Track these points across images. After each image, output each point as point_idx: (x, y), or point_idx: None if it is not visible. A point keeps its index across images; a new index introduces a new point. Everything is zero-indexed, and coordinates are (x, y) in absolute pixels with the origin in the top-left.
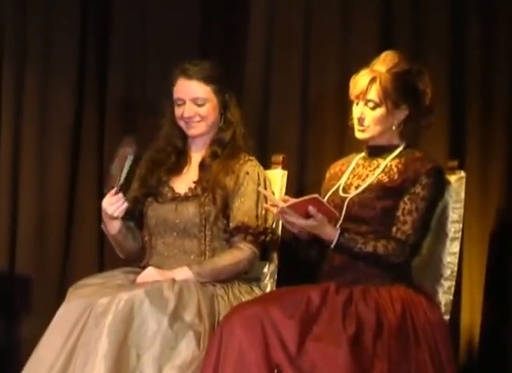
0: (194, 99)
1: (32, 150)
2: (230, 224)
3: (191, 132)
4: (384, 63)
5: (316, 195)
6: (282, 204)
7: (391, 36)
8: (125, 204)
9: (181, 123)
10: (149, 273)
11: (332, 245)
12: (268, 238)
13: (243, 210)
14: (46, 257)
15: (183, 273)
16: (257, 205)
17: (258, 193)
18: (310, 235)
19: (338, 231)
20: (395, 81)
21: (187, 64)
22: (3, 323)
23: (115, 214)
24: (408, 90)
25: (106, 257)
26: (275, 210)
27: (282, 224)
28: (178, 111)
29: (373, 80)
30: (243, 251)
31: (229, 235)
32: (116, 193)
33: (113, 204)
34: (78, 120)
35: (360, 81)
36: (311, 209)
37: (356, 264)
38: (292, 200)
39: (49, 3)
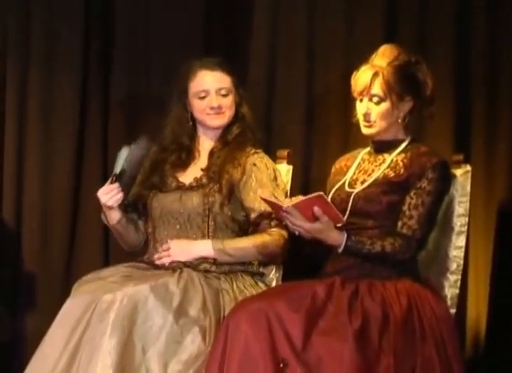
0: (219, 90)
1: (36, 147)
2: (252, 216)
3: (216, 123)
4: (384, 57)
5: (321, 193)
6: (286, 204)
7: (396, 31)
8: (120, 194)
9: (203, 117)
10: (178, 246)
11: (340, 250)
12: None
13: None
14: (51, 254)
15: (204, 249)
16: (273, 194)
17: (273, 181)
18: (314, 239)
19: (345, 236)
20: (397, 73)
21: (203, 59)
22: (8, 319)
23: (109, 203)
24: (410, 81)
25: (110, 254)
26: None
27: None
28: (201, 104)
29: (375, 75)
30: (271, 235)
31: (253, 227)
32: (111, 183)
33: (108, 194)
34: (83, 117)
35: (362, 78)
36: (317, 210)
37: (361, 261)
38: (297, 199)
39: (52, 0)
